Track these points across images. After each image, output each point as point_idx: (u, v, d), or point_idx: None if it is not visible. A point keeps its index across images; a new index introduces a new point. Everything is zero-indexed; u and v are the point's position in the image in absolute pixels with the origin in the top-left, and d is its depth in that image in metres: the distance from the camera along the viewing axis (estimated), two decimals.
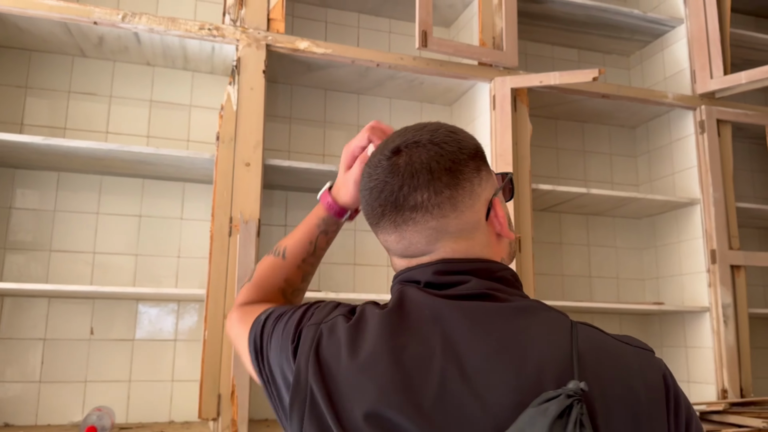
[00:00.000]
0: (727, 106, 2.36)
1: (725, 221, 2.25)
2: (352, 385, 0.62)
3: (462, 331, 0.64)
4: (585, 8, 2.35)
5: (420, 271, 0.73)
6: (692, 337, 2.29)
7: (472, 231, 0.74)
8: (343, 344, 0.66)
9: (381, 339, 0.64)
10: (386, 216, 0.73)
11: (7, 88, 1.99)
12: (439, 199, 0.70)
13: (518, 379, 0.59)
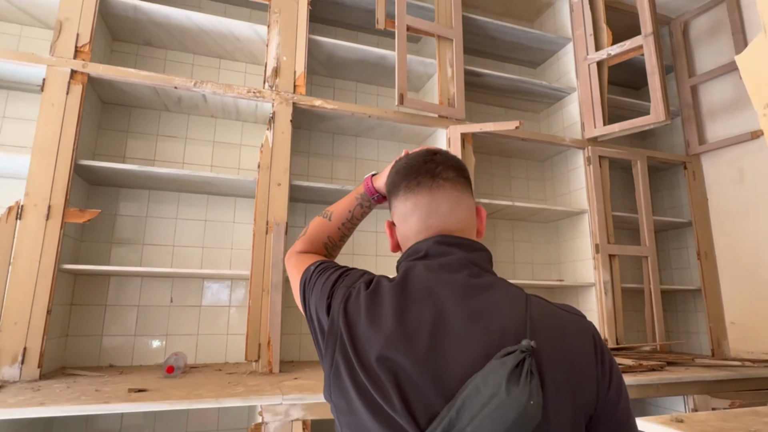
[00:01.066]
0: (606, 146, 2.43)
1: (605, 224, 2.31)
2: (367, 336, 0.62)
3: (449, 301, 0.63)
4: (510, 80, 2.40)
5: (426, 242, 0.71)
6: (583, 303, 2.34)
7: (469, 219, 0.75)
8: (363, 306, 0.65)
9: (390, 304, 0.64)
10: (422, 184, 0.73)
11: (114, 132, 1.99)
12: (460, 181, 0.74)
13: (487, 338, 0.59)
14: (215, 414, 1.88)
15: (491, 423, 0.50)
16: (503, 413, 0.50)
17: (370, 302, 0.65)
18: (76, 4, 1.70)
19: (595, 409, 0.60)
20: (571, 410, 0.57)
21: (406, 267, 0.70)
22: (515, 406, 0.50)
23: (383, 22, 2.11)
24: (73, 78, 1.65)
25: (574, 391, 0.58)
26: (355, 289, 0.69)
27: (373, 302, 0.65)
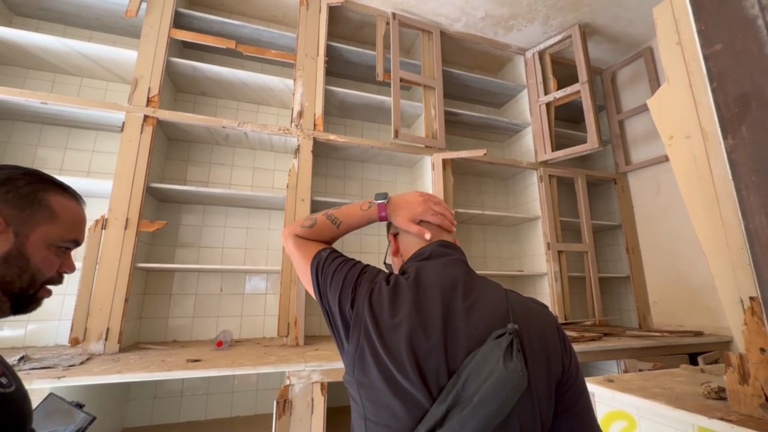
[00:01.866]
0: (554, 167, 2.42)
1: (554, 227, 2.30)
2: (392, 325, 0.58)
3: (454, 293, 0.62)
4: (480, 118, 2.40)
5: (429, 246, 0.71)
6: (539, 288, 2.32)
7: (452, 234, 0.78)
8: (386, 300, 0.61)
9: (408, 298, 0.61)
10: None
11: (178, 162, 1.99)
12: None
13: (482, 323, 0.58)
14: (255, 377, 1.86)
15: (493, 391, 0.50)
16: (502, 384, 0.51)
17: (393, 296, 0.62)
18: (148, 65, 1.71)
19: (561, 377, 0.59)
20: (546, 379, 0.57)
21: (417, 266, 0.67)
22: (511, 378, 0.51)
23: (382, 75, 2.12)
24: (146, 121, 1.66)
25: (548, 363, 0.58)
26: (377, 285, 0.64)
27: (395, 297, 0.62)
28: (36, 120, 1.75)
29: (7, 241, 0.54)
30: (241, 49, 1.91)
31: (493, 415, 0.50)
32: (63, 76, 1.89)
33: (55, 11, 1.87)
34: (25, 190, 0.57)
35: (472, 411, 0.50)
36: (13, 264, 0.54)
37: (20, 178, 0.57)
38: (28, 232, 0.56)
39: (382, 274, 0.68)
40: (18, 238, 0.55)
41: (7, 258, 0.54)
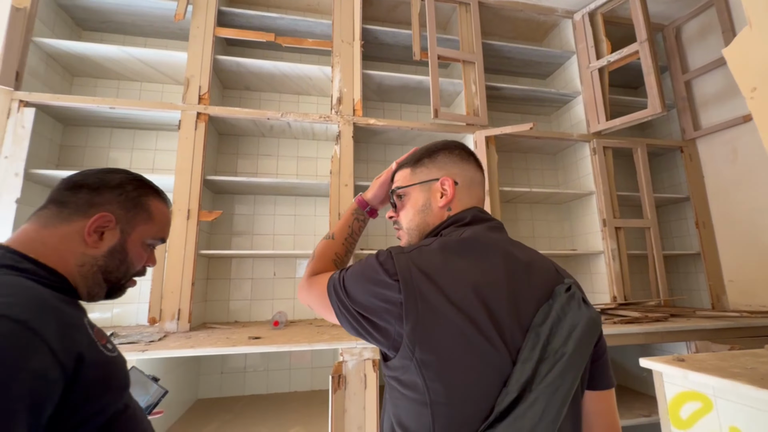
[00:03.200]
0: (609, 138, 2.25)
1: (611, 202, 2.15)
2: (455, 277, 0.54)
3: (510, 252, 0.59)
4: (523, 91, 2.29)
5: (470, 212, 0.66)
6: (594, 267, 2.19)
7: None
8: (438, 256, 0.55)
9: (468, 255, 0.57)
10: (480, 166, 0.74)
11: (228, 155, 2.10)
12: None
13: (542, 278, 0.58)
14: (309, 355, 1.97)
15: (585, 339, 0.51)
16: (591, 330, 0.52)
17: (445, 257, 0.56)
18: (197, 64, 1.82)
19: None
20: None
21: (460, 231, 0.62)
22: (596, 323, 0.53)
23: (419, 54, 2.07)
24: (199, 118, 1.77)
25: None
26: (415, 251, 0.57)
27: (450, 257, 0.56)
28: (106, 124, 1.94)
29: (114, 237, 0.63)
30: (279, 40, 1.96)
31: (583, 363, 0.51)
32: (125, 82, 2.06)
33: (115, 22, 2.04)
34: (133, 194, 0.65)
35: (569, 361, 0.49)
36: (116, 257, 0.63)
37: (129, 183, 0.66)
38: (130, 230, 0.65)
39: (411, 247, 0.60)
40: (122, 235, 0.64)
41: (113, 251, 0.63)
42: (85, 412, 0.50)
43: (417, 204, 0.70)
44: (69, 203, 0.61)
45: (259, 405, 1.73)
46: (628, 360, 2.07)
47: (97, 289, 0.63)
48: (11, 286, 0.49)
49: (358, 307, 0.57)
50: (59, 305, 0.52)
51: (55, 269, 0.58)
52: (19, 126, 1.59)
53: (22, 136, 1.59)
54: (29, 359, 0.43)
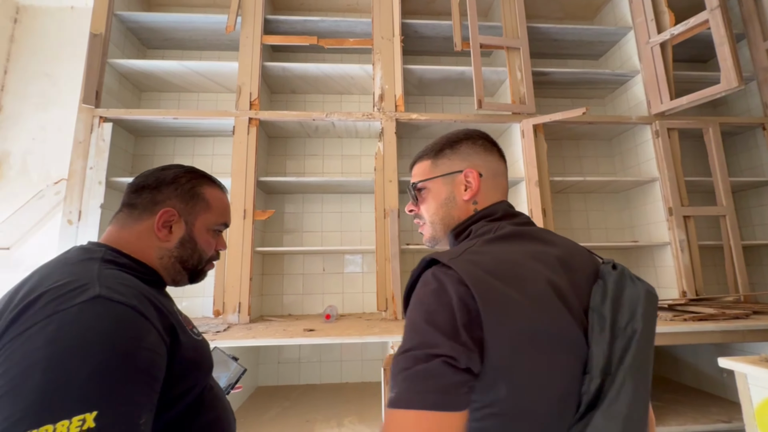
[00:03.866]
0: (674, 119, 2.05)
1: (677, 189, 1.97)
2: (518, 272, 0.50)
3: (552, 239, 0.58)
4: (574, 74, 2.16)
5: (500, 206, 0.63)
6: (659, 260, 2.02)
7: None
8: (491, 264, 0.50)
9: (520, 246, 0.54)
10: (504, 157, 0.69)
11: (277, 156, 2.20)
12: None
13: (585, 261, 0.57)
14: (359, 347, 2.02)
15: (650, 313, 0.50)
16: (652, 304, 0.51)
17: (497, 255, 0.52)
18: (247, 73, 1.92)
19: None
20: None
21: (492, 226, 0.59)
22: (655, 296, 0.52)
23: (460, 45, 2.03)
24: (250, 123, 1.87)
25: None
26: (472, 255, 0.51)
27: (498, 254, 0.52)
28: (170, 134, 2.12)
29: (181, 229, 0.69)
30: (322, 42, 2.01)
31: (653, 337, 0.50)
32: (185, 93, 2.24)
33: (174, 39, 2.21)
34: (188, 186, 0.71)
35: (642, 336, 0.48)
36: (187, 246, 0.69)
37: (183, 176, 0.71)
38: (193, 220, 0.70)
39: (451, 252, 0.54)
40: (187, 225, 0.70)
41: (183, 242, 0.69)
42: (179, 389, 0.56)
43: (440, 197, 0.67)
44: (137, 205, 0.67)
45: (313, 394, 1.82)
46: (702, 360, 1.90)
47: (179, 276, 0.70)
48: (116, 277, 0.56)
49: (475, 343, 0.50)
50: (154, 294, 0.59)
51: (145, 262, 0.65)
52: (100, 139, 1.79)
53: (102, 148, 1.78)
54: (145, 336, 0.50)
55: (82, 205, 1.71)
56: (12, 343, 0.45)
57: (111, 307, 0.49)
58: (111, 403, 0.43)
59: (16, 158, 2.17)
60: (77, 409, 0.41)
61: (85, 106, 1.80)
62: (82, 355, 0.44)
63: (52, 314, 0.47)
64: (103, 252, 0.61)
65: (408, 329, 0.48)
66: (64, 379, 0.42)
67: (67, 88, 2.26)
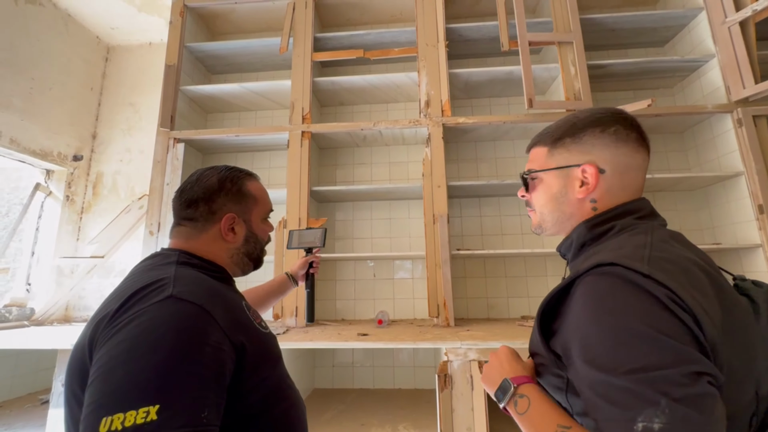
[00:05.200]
0: (761, 105, 1.82)
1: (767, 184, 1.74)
2: (723, 289, 0.47)
3: (699, 251, 0.53)
4: (635, 64, 2.00)
5: (644, 202, 0.57)
6: (749, 266, 1.79)
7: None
8: (688, 274, 0.46)
9: (691, 255, 0.49)
10: (647, 146, 0.58)
11: (328, 167, 2.28)
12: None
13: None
14: (411, 353, 2.02)
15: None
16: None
17: (699, 272, 0.46)
18: (299, 89, 2.04)
19: None
20: None
21: (645, 223, 0.55)
22: None
23: (507, 44, 1.98)
24: (303, 136, 1.97)
25: None
26: (662, 256, 0.47)
27: (700, 272, 0.47)
28: (232, 150, 2.30)
29: (242, 228, 0.76)
30: (368, 55, 2.08)
31: None
32: (244, 112, 2.42)
33: (234, 63, 2.41)
34: (235, 189, 0.76)
35: None
36: (251, 241, 0.78)
37: (227, 179, 0.76)
38: (249, 217, 0.78)
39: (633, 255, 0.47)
40: (246, 224, 0.77)
41: (248, 239, 0.77)
42: (251, 382, 0.59)
43: (551, 190, 0.61)
44: (197, 218, 0.72)
45: (367, 398, 1.84)
46: None
47: (247, 268, 0.79)
48: (188, 277, 0.62)
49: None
50: (224, 292, 0.65)
51: (216, 262, 0.72)
52: (175, 158, 2.00)
53: (176, 166, 1.99)
54: (210, 334, 0.54)
55: (161, 218, 1.92)
56: (107, 338, 0.52)
57: (181, 306, 0.54)
58: (173, 397, 0.47)
59: (107, 178, 2.50)
60: (143, 402, 0.45)
61: (162, 129, 2.02)
62: (152, 350, 0.49)
63: (135, 312, 0.53)
64: (177, 255, 0.68)
65: (626, 341, 0.40)
66: (136, 372, 0.47)
67: (147, 115, 2.55)
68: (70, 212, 2.40)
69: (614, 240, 0.53)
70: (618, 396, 0.39)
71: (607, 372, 0.40)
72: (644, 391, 0.37)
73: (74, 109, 2.44)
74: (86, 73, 2.54)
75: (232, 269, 0.75)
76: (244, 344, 0.59)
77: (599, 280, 0.46)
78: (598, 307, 0.44)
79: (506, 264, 2.10)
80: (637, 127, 0.58)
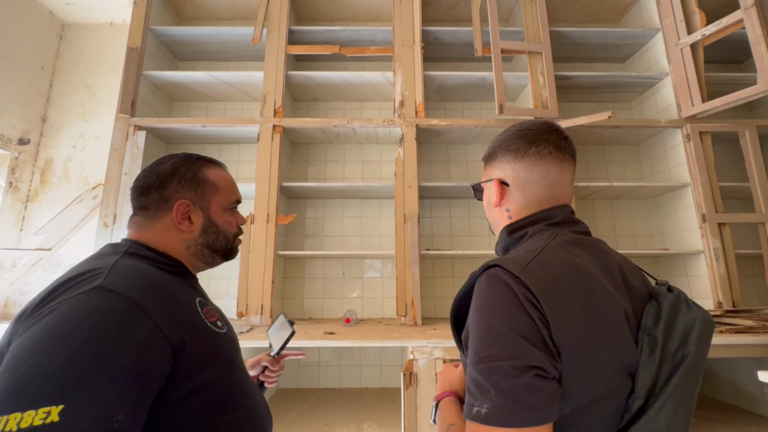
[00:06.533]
0: (706, 122, 1.98)
1: (711, 195, 1.89)
2: (594, 295, 0.49)
3: (610, 252, 0.58)
4: (599, 77, 2.11)
5: (560, 211, 0.61)
6: (692, 270, 1.94)
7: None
8: (560, 277, 0.49)
9: (582, 260, 0.53)
10: (553, 155, 0.61)
11: (299, 162, 2.25)
12: (575, 156, 0.65)
13: (637, 274, 0.59)
14: (378, 352, 2.02)
15: (701, 339, 0.51)
16: (707, 331, 0.52)
17: (574, 276, 0.50)
18: (272, 82, 1.99)
19: None
20: None
21: (553, 232, 0.58)
22: (711, 324, 0.52)
23: (481, 50, 2.03)
24: (275, 130, 1.93)
25: None
26: (539, 264, 0.50)
27: (576, 276, 0.51)
28: (199, 141, 2.21)
29: (199, 217, 0.71)
30: (344, 51, 2.06)
31: (704, 364, 0.50)
32: (213, 102, 2.33)
33: (203, 51, 2.32)
34: (189, 174, 0.71)
35: (692, 362, 0.49)
36: (210, 231, 0.71)
37: (181, 165, 0.72)
38: (207, 205, 0.71)
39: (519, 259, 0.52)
40: (204, 212, 0.71)
41: (205, 228, 0.71)
42: (191, 384, 0.53)
43: (485, 200, 0.71)
44: (149, 206, 0.68)
45: (332, 398, 1.83)
46: (740, 376, 1.79)
47: (211, 259, 0.73)
48: (128, 268, 0.57)
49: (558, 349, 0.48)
50: (170, 286, 0.59)
51: (171, 254, 0.68)
52: (135, 147, 1.89)
53: (136, 155, 1.88)
54: (136, 330, 0.48)
55: (117, 209, 1.81)
56: (24, 329, 0.47)
57: (106, 298, 0.49)
58: (80, 398, 0.42)
59: (58, 165, 2.32)
60: (45, 401, 0.40)
61: (122, 115, 1.91)
62: (63, 344, 0.44)
63: (59, 302, 0.48)
64: (128, 245, 0.64)
65: (485, 335, 0.47)
66: (41, 367, 0.42)
67: (105, 99, 2.40)
68: (13, 200, 2.22)
69: (526, 243, 0.59)
70: (471, 385, 0.46)
71: (470, 363, 0.47)
72: (483, 382, 0.44)
73: (21, 88, 2.26)
74: (37, 50, 2.35)
75: (191, 262, 0.70)
76: (184, 342, 0.53)
77: (485, 279, 0.52)
78: (477, 305, 0.51)
79: (473, 265, 2.15)
80: (538, 142, 0.62)
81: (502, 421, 0.42)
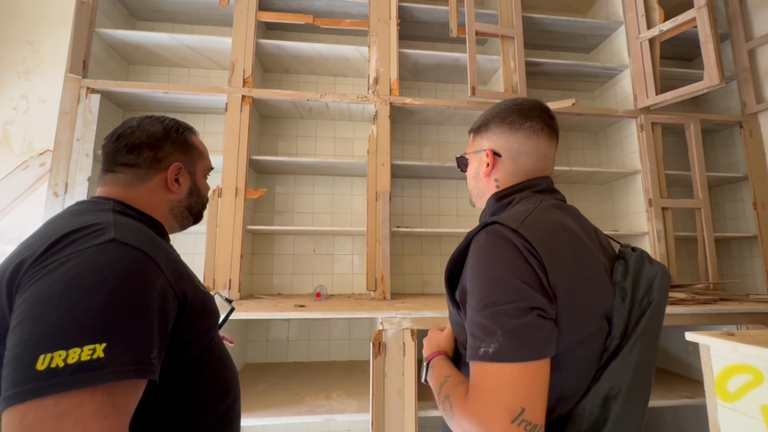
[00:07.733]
0: (658, 114, 2.13)
1: (657, 182, 2.06)
2: (582, 246, 0.59)
3: (585, 218, 0.68)
4: (566, 65, 2.20)
5: (543, 181, 0.69)
6: None
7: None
8: (555, 231, 0.57)
9: (574, 227, 0.61)
10: (544, 131, 0.68)
11: (270, 136, 2.19)
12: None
13: (606, 240, 0.69)
14: (347, 326, 2.07)
15: (662, 287, 0.58)
16: (666, 280, 0.59)
17: (563, 232, 0.58)
18: (241, 49, 1.90)
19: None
20: None
21: (538, 198, 0.65)
22: (669, 275, 0.61)
23: (456, 31, 2.05)
24: (243, 100, 1.86)
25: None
26: (532, 221, 0.57)
27: (564, 232, 0.58)
28: (159, 109, 2.08)
29: (187, 180, 0.74)
30: (318, 22, 2.00)
31: (665, 308, 0.59)
32: (175, 68, 2.20)
33: (165, 11, 2.16)
34: (180, 139, 0.73)
35: (657, 306, 0.57)
36: (194, 194, 0.75)
37: (173, 131, 0.72)
38: (194, 169, 0.76)
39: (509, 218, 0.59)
40: (191, 175, 0.74)
41: (191, 191, 0.74)
42: (193, 332, 0.59)
43: (472, 169, 0.76)
44: (140, 165, 0.68)
45: (301, 371, 1.86)
46: (672, 343, 2.02)
47: (186, 222, 0.77)
48: (129, 224, 0.58)
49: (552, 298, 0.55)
50: (164, 244, 0.62)
51: (153, 216, 0.69)
52: (88, 111, 1.76)
53: (90, 120, 1.75)
54: (155, 281, 0.52)
55: (69, 178, 1.69)
56: (34, 279, 0.47)
57: (125, 251, 0.52)
58: (119, 338, 0.45)
59: None
60: (88, 339, 0.43)
61: (72, 76, 1.76)
62: (96, 290, 0.46)
63: (70, 254, 0.49)
64: (112, 204, 0.64)
65: (487, 284, 0.52)
66: (78, 311, 0.44)
67: (50, 57, 2.19)
68: None
69: (516, 207, 0.65)
70: (476, 330, 0.50)
71: (473, 311, 0.52)
72: (489, 324, 0.49)
73: None
74: None
75: (169, 223, 0.72)
76: (187, 294, 0.57)
77: (483, 236, 0.57)
78: (477, 259, 0.55)
79: (441, 243, 2.23)
80: (531, 117, 0.69)
81: (509, 357, 0.47)
